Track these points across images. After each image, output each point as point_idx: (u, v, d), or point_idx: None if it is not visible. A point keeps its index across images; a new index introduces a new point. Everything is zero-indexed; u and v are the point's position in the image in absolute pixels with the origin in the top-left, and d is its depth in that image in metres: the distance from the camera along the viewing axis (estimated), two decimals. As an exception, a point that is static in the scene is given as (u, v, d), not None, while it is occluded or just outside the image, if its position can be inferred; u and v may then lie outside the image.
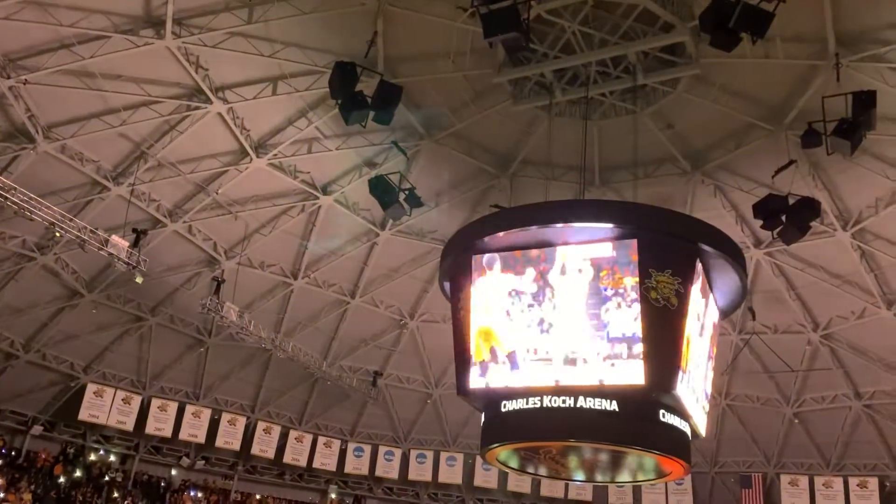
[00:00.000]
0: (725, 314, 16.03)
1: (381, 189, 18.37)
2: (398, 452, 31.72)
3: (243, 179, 22.21)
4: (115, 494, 27.65)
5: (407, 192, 18.69)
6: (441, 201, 23.35)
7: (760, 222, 17.73)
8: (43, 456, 26.94)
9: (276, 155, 21.59)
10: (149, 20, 17.48)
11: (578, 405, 12.56)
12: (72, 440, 27.86)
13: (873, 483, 27.68)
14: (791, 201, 16.99)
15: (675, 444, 13.10)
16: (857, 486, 27.85)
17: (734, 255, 13.72)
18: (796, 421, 28.04)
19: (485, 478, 31.23)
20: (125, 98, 19.35)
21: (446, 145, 21.87)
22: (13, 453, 26.38)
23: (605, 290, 12.87)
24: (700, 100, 19.35)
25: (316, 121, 20.79)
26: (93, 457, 28.22)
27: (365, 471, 31.50)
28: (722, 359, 23.41)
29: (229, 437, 29.51)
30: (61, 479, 26.68)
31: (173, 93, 19.59)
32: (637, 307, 12.43)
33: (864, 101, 14.90)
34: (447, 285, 15.48)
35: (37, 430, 26.81)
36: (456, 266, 14.62)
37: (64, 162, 20.44)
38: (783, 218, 17.05)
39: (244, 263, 25.08)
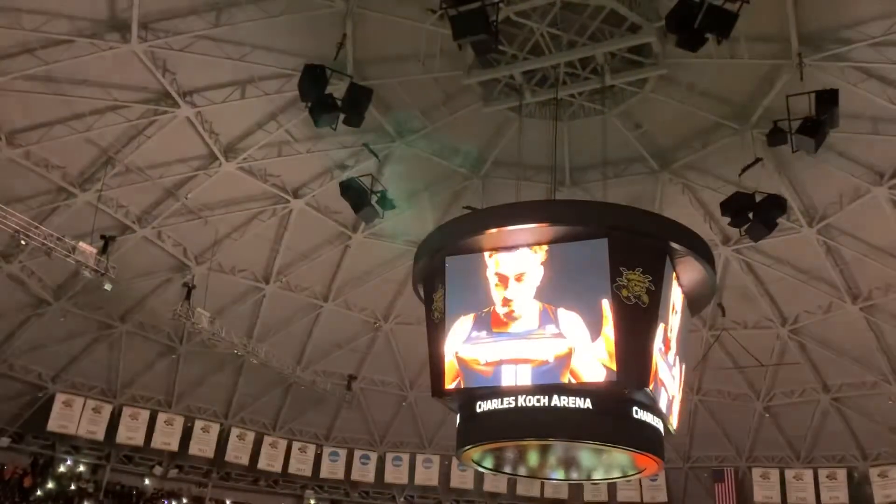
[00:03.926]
0: (695, 311, 16.22)
1: (353, 192, 18.33)
2: (374, 456, 31.62)
3: (213, 184, 22.03)
4: (87, 505, 27.24)
5: (379, 195, 18.67)
6: (413, 203, 23.35)
7: (728, 220, 18.00)
8: (11, 468, 26.42)
9: (245, 159, 21.46)
10: (114, 24, 17.26)
11: (553, 404, 12.62)
12: (41, 451, 27.33)
13: (842, 474, 28.19)
14: (758, 199, 17.27)
15: (648, 440, 13.21)
16: (827, 477, 28.35)
17: (704, 253, 13.89)
18: (767, 415, 28.48)
19: (461, 479, 31.25)
20: (91, 103, 19.09)
21: (417, 147, 21.90)
22: (-20, 466, 25.88)
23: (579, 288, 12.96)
24: (667, 99, 19.60)
25: (286, 124, 20.69)
26: (63, 468, 27.74)
27: (341, 475, 31.32)
28: (693, 355, 23.70)
29: (203, 445, 29.19)
30: (36, 492, 26.20)
31: (140, 97, 19.37)
32: (609, 305, 12.53)
33: (828, 100, 15.21)
34: (421, 287, 15.47)
35: (4, 441, 26.22)
36: (429, 268, 14.62)
37: (29, 168, 20.11)
38: (750, 215, 17.32)
39: (215, 269, 24.82)
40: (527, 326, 12.96)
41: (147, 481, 29.28)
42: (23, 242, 18.94)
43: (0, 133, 19.11)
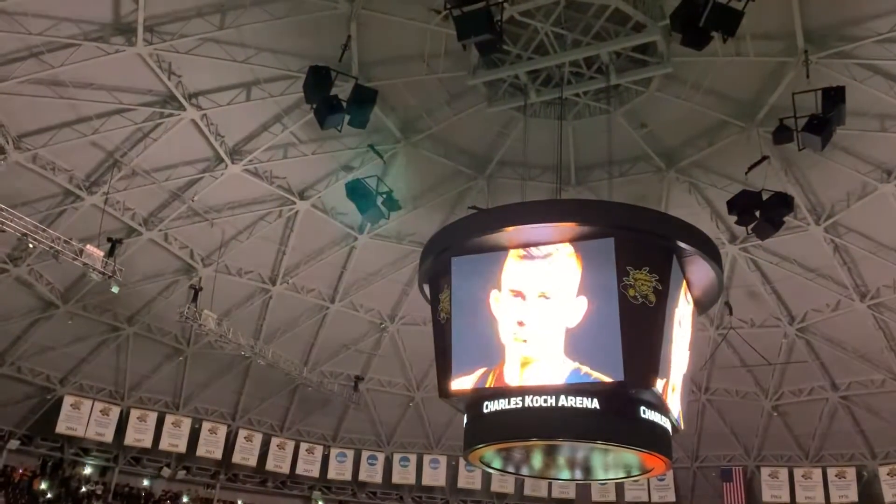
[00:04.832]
0: (703, 310, 16.18)
1: (359, 193, 18.33)
2: (381, 456, 31.67)
3: (219, 186, 22.07)
4: (95, 507, 27.33)
5: (384, 196, 18.68)
6: (419, 204, 23.37)
7: (735, 218, 17.93)
8: (21, 470, 26.52)
9: (251, 161, 21.50)
10: (119, 27, 17.32)
11: (560, 404, 12.60)
12: (50, 454, 27.44)
13: (851, 473, 28.09)
14: (764, 197, 17.20)
15: (656, 439, 13.18)
16: (836, 476, 28.24)
17: (710, 252, 13.84)
18: (775, 414, 28.38)
19: (468, 479, 31.26)
20: (97, 106, 19.16)
21: (423, 148, 21.90)
22: (-10, 469, 25.97)
23: (585, 288, 12.94)
24: (672, 98, 19.56)
25: (291, 126, 20.73)
26: (72, 470, 27.83)
27: (348, 476, 31.38)
28: (700, 354, 23.62)
29: (210, 446, 29.28)
30: (45, 494, 26.31)
31: (146, 100, 19.43)
32: (616, 305, 12.50)
33: (834, 97, 15.12)
34: (427, 288, 15.47)
35: (13, 444, 26.33)
36: (435, 268, 14.62)
37: (36, 172, 20.17)
38: (757, 213, 17.24)
39: (222, 271, 24.89)
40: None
41: (155, 483, 29.35)
42: (30, 245, 19.02)
43: (7, 137, 19.18)
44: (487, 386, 13.13)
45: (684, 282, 14.00)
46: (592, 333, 12.59)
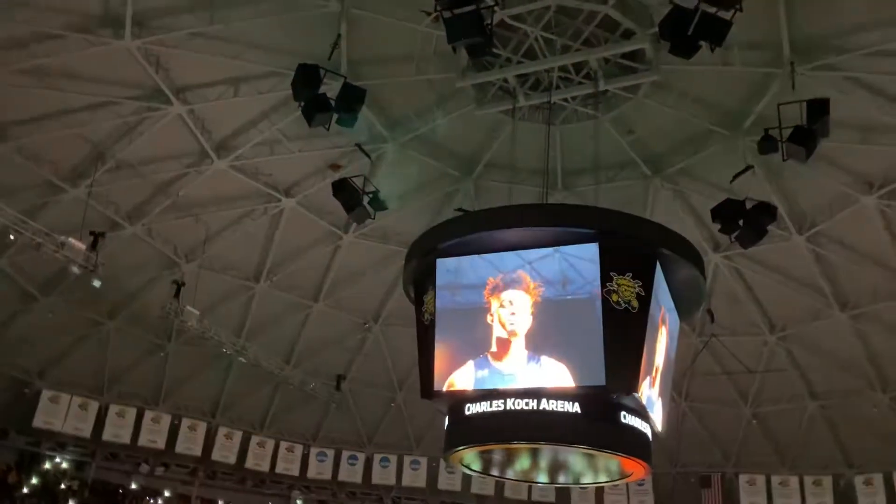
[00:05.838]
0: (686, 316, 16.27)
1: (345, 192, 18.31)
2: (362, 457, 31.61)
3: (204, 182, 21.97)
4: (72, 503, 27.06)
5: (371, 195, 18.66)
6: (405, 204, 23.32)
7: (718, 226, 18.06)
8: (-5, 465, 26.30)
9: (237, 157, 21.40)
10: (107, 20, 17.18)
11: (542, 407, 12.67)
12: (26, 448, 27.17)
13: (828, 481, 28.31)
14: (748, 206, 17.34)
15: (636, 445, 13.24)
16: (813, 484, 28.47)
17: (694, 259, 13.93)
18: (754, 421, 28.57)
19: (449, 481, 31.25)
20: (83, 99, 19.01)
21: (410, 148, 21.88)
22: (-36, 462, 25.71)
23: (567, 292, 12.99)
24: (660, 106, 19.66)
25: (278, 123, 20.64)
26: (48, 465, 27.58)
27: (328, 476, 31.28)
28: (681, 361, 23.72)
29: (189, 443, 29.10)
30: (21, 489, 26.06)
31: (133, 94, 19.30)
32: (598, 310, 12.56)
33: (819, 109, 15.26)
34: (411, 289, 15.47)
35: (-11, 437, 26.16)
36: (419, 269, 14.62)
37: (19, 163, 19.98)
38: (741, 222, 17.38)
39: (205, 267, 24.76)
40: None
41: (133, 479, 29.13)
42: (11, 237, 18.86)
43: (-10, 127, 19.03)
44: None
45: (667, 289, 14.08)
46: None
